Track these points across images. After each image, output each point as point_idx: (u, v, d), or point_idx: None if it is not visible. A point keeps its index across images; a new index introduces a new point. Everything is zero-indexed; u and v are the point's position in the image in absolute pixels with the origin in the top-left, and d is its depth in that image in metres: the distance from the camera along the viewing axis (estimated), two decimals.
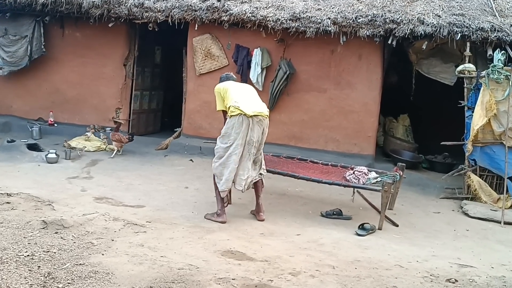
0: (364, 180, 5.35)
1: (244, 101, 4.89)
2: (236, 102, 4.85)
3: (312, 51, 7.49)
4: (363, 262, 4.05)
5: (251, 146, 4.88)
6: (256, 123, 4.86)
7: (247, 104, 4.88)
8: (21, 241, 3.86)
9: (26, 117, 9.02)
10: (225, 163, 4.90)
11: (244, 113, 4.79)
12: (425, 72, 7.24)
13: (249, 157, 4.90)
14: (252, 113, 4.82)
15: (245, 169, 4.92)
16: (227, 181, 4.92)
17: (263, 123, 4.94)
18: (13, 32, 8.67)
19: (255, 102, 5.01)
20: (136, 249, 3.92)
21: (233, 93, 4.98)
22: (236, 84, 5.26)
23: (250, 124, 4.82)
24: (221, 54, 7.89)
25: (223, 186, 4.95)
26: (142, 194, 5.80)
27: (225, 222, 4.93)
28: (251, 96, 5.08)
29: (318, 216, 5.45)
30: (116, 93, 8.76)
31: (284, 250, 4.23)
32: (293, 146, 7.67)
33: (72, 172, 6.65)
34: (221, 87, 5.09)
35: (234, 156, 4.86)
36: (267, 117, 4.99)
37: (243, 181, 4.92)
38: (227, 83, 5.18)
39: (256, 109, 4.88)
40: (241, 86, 5.31)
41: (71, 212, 4.78)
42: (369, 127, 7.41)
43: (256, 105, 4.96)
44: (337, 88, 7.48)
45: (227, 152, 4.89)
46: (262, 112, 4.93)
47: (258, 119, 4.87)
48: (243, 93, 5.06)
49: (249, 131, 4.83)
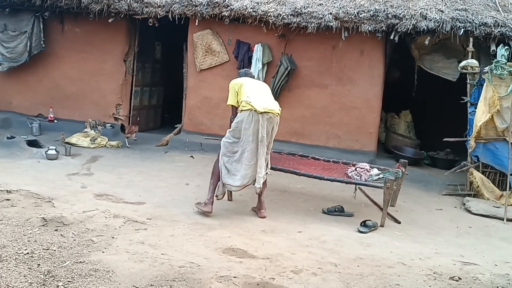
0: (366, 177, 5.32)
1: (256, 97, 4.89)
2: (248, 98, 4.85)
3: (313, 47, 7.43)
4: (365, 259, 4.02)
5: (264, 143, 4.86)
6: (266, 120, 4.83)
7: (259, 100, 4.87)
8: (21, 238, 3.82)
9: (26, 113, 8.98)
10: (239, 159, 4.91)
11: (254, 109, 4.78)
12: (427, 67, 7.18)
13: (263, 154, 4.89)
14: (262, 110, 4.80)
15: (262, 166, 4.90)
16: (243, 178, 4.90)
17: (273, 121, 4.93)
18: (13, 28, 8.61)
19: (267, 99, 5.01)
20: (136, 247, 3.88)
21: (247, 88, 4.99)
22: (252, 80, 5.27)
23: (260, 121, 4.80)
24: (221, 50, 7.83)
25: (237, 182, 4.92)
26: (142, 190, 5.76)
27: (211, 212, 4.93)
28: (264, 93, 5.08)
29: (319, 213, 5.42)
30: (116, 89, 8.71)
31: (285, 247, 4.19)
32: (295, 142, 7.62)
33: (72, 168, 6.62)
34: (237, 81, 5.13)
35: (246, 153, 4.87)
36: (278, 115, 4.98)
37: (261, 179, 4.91)
38: (243, 78, 5.21)
39: (267, 106, 4.87)
40: (256, 82, 5.31)
41: (71, 209, 4.74)
42: (371, 123, 7.37)
43: (268, 102, 4.95)
44: (339, 84, 7.44)
45: (239, 148, 4.90)
46: (273, 110, 4.90)
47: (268, 116, 4.85)
48: (257, 89, 5.06)
49: (259, 128, 4.81)
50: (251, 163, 4.89)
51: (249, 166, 4.89)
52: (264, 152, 4.90)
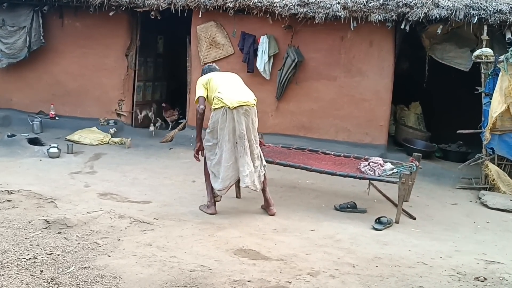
0: (380, 172, 5.12)
1: (227, 91, 4.63)
2: (220, 93, 4.60)
3: (321, 38, 7.21)
4: (384, 259, 3.84)
5: (243, 139, 4.61)
6: (242, 114, 4.58)
7: (231, 94, 4.60)
8: (23, 242, 3.66)
9: (27, 110, 8.78)
10: (219, 161, 4.70)
11: (227, 106, 4.54)
12: (438, 57, 6.95)
13: (244, 151, 4.63)
14: (236, 104, 4.54)
15: (245, 164, 4.63)
16: (223, 180, 4.69)
17: (250, 113, 4.65)
18: (11, 23, 8.40)
19: (239, 91, 4.72)
20: (144, 249, 3.71)
21: (217, 82, 4.72)
22: (220, 73, 4.97)
23: (235, 117, 4.56)
24: (226, 42, 7.62)
25: (219, 186, 4.71)
26: (148, 189, 5.60)
27: (215, 213, 4.79)
28: (235, 85, 4.80)
29: (331, 210, 5.24)
30: (119, 84, 8.51)
31: (299, 247, 4.01)
32: (302, 136, 7.42)
33: (74, 167, 6.45)
34: (205, 78, 4.84)
35: (224, 153, 4.65)
36: (253, 105, 4.70)
37: (247, 178, 4.64)
38: (210, 74, 4.92)
39: (240, 98, 4.60)
40: (225, 75, 4.99)
41: (75, 209, 4.57)
42: (381, 116, 7.15)
43: (241, 94, 4.67)
44: (348, 76, 7.21)
45: (218, 149, 4.69)
46: (248, 101, 4.64)
47: (243, 110, 4.59)
48: (227, 82, 4.78)
49: (235, 125, 4.57)
50: (229, 163, 4.64)
51: (227, 167, 4.65)
52: (245, 150, 4.63)
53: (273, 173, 6.29)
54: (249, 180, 4.64)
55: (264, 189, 4.93)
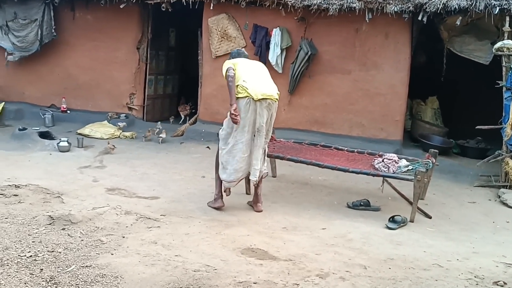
0: (394, 169, 4.94)
1: (253, 81, 4.49)
2: (245, 82, 4.46)
3: (335, 30, 7.02)
4: (397, 260, 3.67)
5: (262, 132, 4.52)
6: (265, 107, 4.49)
7: (256, 85, 4.48)
8: (25, 239, 3.57)
9: (39, 104, 8.80)
10: (231, 151, 4.57)
11: (251, 96, 4.42)
12: (457, 50, 6.70)
13: (260, 144, 4.55)
14: (260, 96, 4.44)
15: (258, 158, 4.55)
16: (235, 171, 4.57)
17: (271, 107, 4.57)
18: (23, 16, 8.39)
19: (264, 83, 4.60)
20: (148, 247, 3.60)
21: (243, 70, 4.56)
22: (247, 61, 4.80)
23: (257, 109, 4.45)
24: (238, 35, 7.48)
25: (231, 177, 4.59)
26: (157, 184, 5.50)
27: (223, 207, 4.69)
28: (261, 76, 4.66)
29: (344, 207, 5.08)
30: (130, 77, 8.44)
31: (309, 247, 3.87)
32: (315, 131, 7.26)
33: (84, 161, 6.39)
34: (232, 61, 4.71)
35: (240, 144, 4.53)
36: (276, 100, 4.61)
37: (257, 171, 4.56)
38: (238, 59, 4.75)
39: (265, 91, 4.49)
40: (252, 63, 4.84)
41: (81, 205, 4.49)
42: (397, 111, 6.94)
43: (266, 87, 4.56)
44: (362, 69, 7.02)
45: (233, 139, 4.55)
46: (272, 95, 4.54)
47: (266, 103, 4.49)
48: (253, 71, 4.64)
49: (257, 117, 4.47)
50: (245, 155, 4.54)
51: (243, 159, 4.54)
52: (262, 142, 4.56)
53: (284, 169, 6.17)
54: (258, 174, 4.59)
55: (258, 185, 4.78)
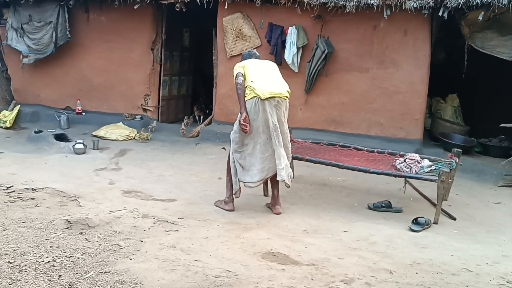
0: (417, 169, 4.80)
1: (260, 80, 4.46)
2: (253, 82, 4.45)
3: (352, 28, 6.87)
4: (423, 265, 3.54)
5: (277, 131, 4.46)
6: (274, 106, 4.45)
7: (263, 84, 4.44)
8: (43, 244, 3.52)
9: (54, 106, 8.81)
10: (252, 153, 4.54)
11: (258, 96, 4.40)
12: (479, 46, 6.50)
13: (279, 143, 4.48)
14: (268, 95, 4.40)
15: (281, 157, 4.47)
16: (259, 172, 4.53)
17: (281, 105, 4.51)
18: (37, 18, 8.39)
19: (273, 81, 4.55)
20: (167, 252, 3.53)
21: (251, 71, 4.54)
22: (257, 61, 4.77)
23: (267, 109, 4.42)
24: (253, 34, 7.37)
25: (255, 178, 4.55)
26: (173, 186, 5.44)
27: (233, 210, 4.65)
28: (270, 74, 4.62)
29: (365, 209, 4.96)
30: (144, 78, 8.39)
31: (331, 250, 3.76)
32: (333, 131, 7.13)
33: (100, 163, 6.36)
34: (241, 63, 4.69)
35: (258, 145, 4.51)
36: (286, 98, 4.55)
37: (283, 171, 4.45)
38: (247, 61, 4.74)
39: (273, 89, 4.45)
40: (261, 63, 4.79)
41: (98, 208, 4.44)
42: (417, 109, 6.77)
43: (274, 85, 4.51)
44: (381, 67, 6.86)
45: (250, 140, 4.53)
46: (280, 93, 4.48)
47: (275, 101, 4.45)
48: (262, 71, 4.60)
49: (268, 116, 4.43)
50: (265, 155, 4.51)
51: (265, 159, 4.51)
52: (280, 141, 4.49)
53: (302, 169, 6.06)
54: (285, 174, 4.46)
55: (276, 187, 4.73)
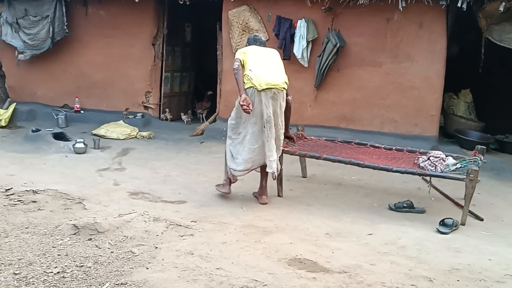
0: (442, 167, 4.55)
1: (258, 70, 4.42)
2: (251, 71, 4.42)
3: (364, 21, 6.63)
4: (463, 271, 3.29)
5: (271, 123, 4.42)
6: (270, 98, 4.41)
7: (261, 74, 4.39)
8: (50, 252, 3.23)
9: (51, 104, 8.50)
10: (242, 142, 4.56)
11: (255, 87, 4.36)
12: (496, 39, 6.26)
13: (272, 135, 4.44)
14: (264, 86, 4.36)
15: (272, 149, 4.44)
16: (245, 162, 4.54)
17: (278, 96, 4.46)
18: (34, 13, 8.08)
19: (271, 71, 4.49)
20: (185, 259, 3.25)
21: (251, 58, 4.49)
22: (259, 49, 4.67)
23: (263, 99, 4.38)
24: (260, 28, 7.10)
25: (239, 167, 4.56)
26: (181, 187, 5.15)
27: (229, 193, 4.72)
28: (269, 64, 4.54)
29: (385, 210, 4.71)
30: (145, 75, 8.10)
31: (361, 256, 3.50)
32: (344, 128, 6.88)
33: (102, 163, 6.06)
34: (243, 49, 4.66)
35: (249, 135, 4.51)
36: (283, 89, 4.50)
37: (274, 163, 4.43)
38: (249, 47, 4.69)
39: (270, 80, 4.40)
40: (262, 51, 4.69)
41: (105, 211, 4.15)
42: (432, 105, 6.54)
43: (271, 75, 4.44)
44: (394, 62, 6.61)
45: (243, 129, 4.56)
46: (277, 84, 4.43)
47: (272, 92, 4.40)
48: (261, 59, 4.53)
49: (263, 108, 4.39)
50: (254, 146, 4.50)
51: (253, 150, 4.51)
52: (273, 133, 4.45)
53: (313, 168, 5.82)
54: (275, 165, 4.45)
55: (264, 177, 4.73)
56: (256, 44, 4.75)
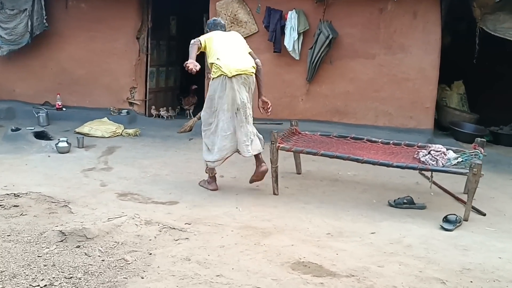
0: (443, 162, 4.41)
1: (226, 57, 4.46)
2: (219, 60, 4.44)
3: (357, 11, 6.46)
4: (475, 271, 3.14)
5: (245, 108, 4.53)
6: (241, 83, 4.50)
7: (229, 61, 4.45)
8: (35, 262, 2.99)
9: (31, 101, 8.16)
10: (215, 131, 4.64)
11: (225, 74, 4.41)
12: (490, 29, 6.15)
13: (246, 120, 4.55)
14: (235, 72, 4.43)
15: (247, 134, 4.57)
16: (220, 150, 4.62)
17: (248, 81, 4.56)
18: (10, 6, 7.72)
19: (238, 57, 4.55)
20: (182, 266, 3.03)
21: (216, 46, 4.51)
22: (222, 35, 4.70)
23: (234, 86, 4.45)
24: (249, 20, 6.87)
25: (215, 157, 4.64)
26: (172, 186, 4.93)
27: (217, 189, 4.80)
28: (235, 50, 4.59)
29: (385, 206, 4.56)
30: (130, 70, 7.82)
31: (366, 257, 3.33)
32: (337, 122, 6.71)
33: (87, 162, 5.79)
34: (207, 35, 4.65)
35: (221, 122, 4.57)
36: (252, 74, 4.58)
37: (249, 146, 4.58)
38: (213, 33, 4.69)
39: (238, 66, 4.47)
40: (228, 36, 4.74)
41: (93, 215, 3.90)
42: (427, 97, 6.41)
43: (239, 61, 4.52)
44: (388, 53, 6.46)
45: (214, 119, 4.63)
46: (246, 70, 4.51)
47: (242, 79, 4.49)
48: (227, 47, 4.56)
49: (235, 94, 4.47)
50: (227, 133, 4.57)
51: (226, 137, 4.59)
52: (248, 118, 4.57)
53: (308, 164, 5.65)
54: (253, 148, 4.61)
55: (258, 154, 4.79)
56: (217, 28, 4.77)
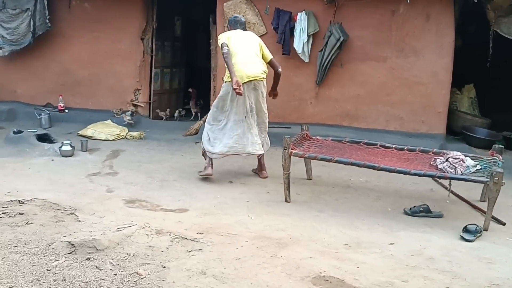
0: (462, 169, 4.27)
1: (239, 63, 4.73)
2: (234, 64, 4.70)
3: (368, 13, 6.30)
4: (503, 286, 3.01)
5: (253, 112, 4.89)
6: (251, 89, 4.82)
7: (242, 67, 4.73)
8: (44, 276, 2.85)
9: (33, 103, 8.01)
10: (223, 129, 4.92)
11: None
12: (505, 32, 6.00)
13: (255, 123, 4.95)
14: (246, 79, 4.73)
15: (256, 134, 4.96)
16: (224, 146, 4.89)
17: (259, 86, 4.87)
18: (12, 5, 7.56)
19: (251, 63, 4.80)
20: (199, 281, 2.90)
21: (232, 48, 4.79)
22: (241, 35, 4.97)
23: (245, 92, 4.75)
24: (257, 21, 6.72)
25: (217, 149, 4.92)
26: (181, 193, 4.79)
27: (211, 175, 5.07)
28: (249, 54, 4.83)
29: (401, 214, 4.42)
30: (134, 71, 7.67)
31: (389, 270, 3.20)
32: (347, 126, 6.57)
33: (92, 167, 5.65)
34: (226, 35, 4.95)
35: (230, 123, 4.89)
36: (263, 79, 4.87)
37: (259, 145, 4.98)
38: (232, 32, 5.00)
39: (249, 73, 4.76)
40: (245, 38, 4.97)
41: (101, 224, 3.76)
42: (440, 101, 6.26)
43: (251, 68, 4.78)
44: (400, 56, 6.31)
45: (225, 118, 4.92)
46: (257, 76, 4.81)
47: (252, 84, 4.80)
48: (243, 48, 4.83)
49: (245, 99, 4.80)
50: (234, 133, 4.87)
51: (232, 137, 4.88)
52: (255, 119, 4.95)
53: (317, 169, 5.52)
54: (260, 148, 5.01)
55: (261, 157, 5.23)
56: (237, 26, 5.03)
